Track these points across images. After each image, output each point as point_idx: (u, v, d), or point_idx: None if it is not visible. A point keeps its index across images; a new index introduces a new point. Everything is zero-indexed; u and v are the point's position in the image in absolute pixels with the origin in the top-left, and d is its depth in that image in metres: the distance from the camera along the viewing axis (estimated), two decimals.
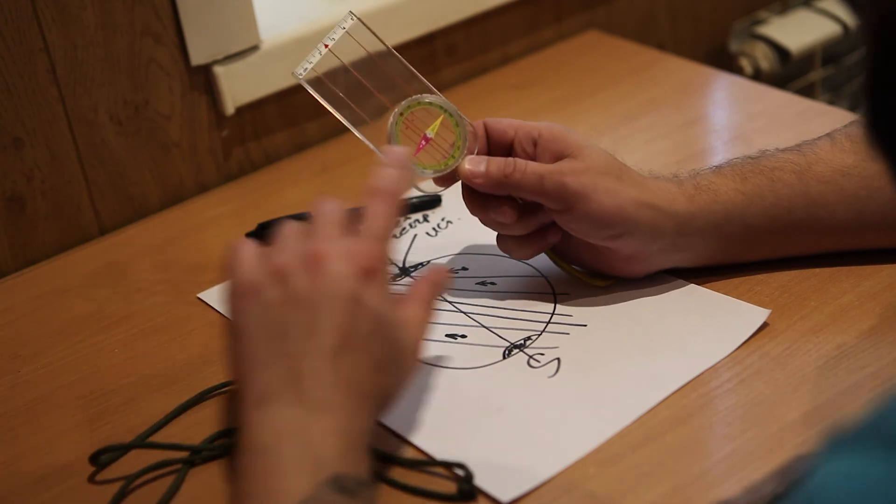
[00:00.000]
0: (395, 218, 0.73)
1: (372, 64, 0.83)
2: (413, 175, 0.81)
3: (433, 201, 1.02)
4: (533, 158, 0.82)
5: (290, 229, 0.72)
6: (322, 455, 0.63)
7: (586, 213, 0.80)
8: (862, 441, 0.45)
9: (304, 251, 0.69)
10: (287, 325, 0.67)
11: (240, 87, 1.09)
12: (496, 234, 0.85)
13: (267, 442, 0.64)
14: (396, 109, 0.83)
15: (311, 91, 0.83)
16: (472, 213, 0.84)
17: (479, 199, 0.83)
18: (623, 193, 0.80)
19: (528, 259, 0.88)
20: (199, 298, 0.94)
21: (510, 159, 0.81)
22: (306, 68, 0.82)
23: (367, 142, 0.84)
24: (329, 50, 0.82)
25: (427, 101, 0.83)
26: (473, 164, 0.82)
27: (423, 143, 0.83)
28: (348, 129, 0.84)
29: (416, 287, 0.75)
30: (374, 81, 0.83)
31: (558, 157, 0.81)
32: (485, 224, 0.85)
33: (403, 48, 1.18)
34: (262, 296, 0.68)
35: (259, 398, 0.66)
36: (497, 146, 0.84)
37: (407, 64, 0.83)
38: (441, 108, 0.83)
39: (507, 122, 0.84)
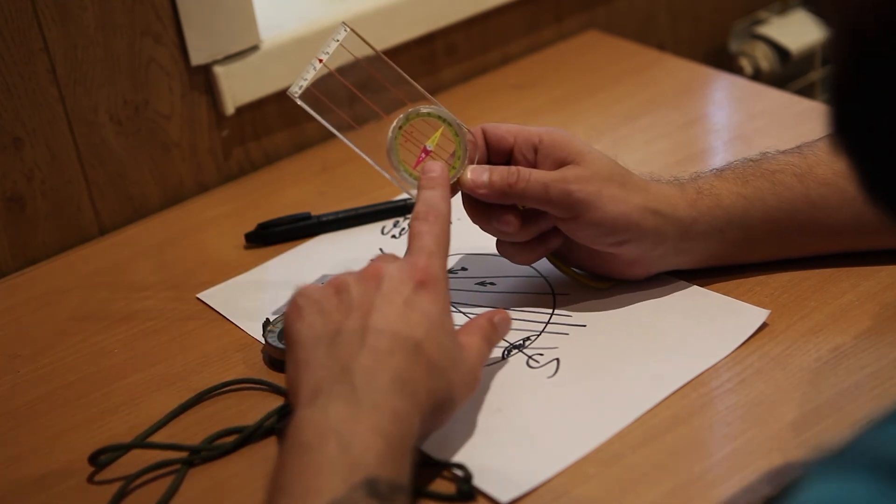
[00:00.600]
0: (446, 235, 0.75)
1: (367, 74, 0.82)
2: (413, 186, 0.81)
3: None
4: (533, 165, 0.81)
5: (348, 273, 0.75)
6: (361, 456, 0.63)
7: (592, 221, 0.80)
8: (847, 464, 0.45)
9: (362, 270, 0.72)
10: (342, 328, 0.69)
11: (240, 87, 1.09)
12: (496, 238, 0.85)
13: (310, 440, 0.64)
14: (395, 123, 0.82)
15: (309, 110, 0.81)
16: (474, 221, 0.83)
17: (481, 209, 0.82)
18: (628, 200, 0.80)
19: (528, 264, 0.88)
20: (198, 298, 0.94)
21: (513, 168, 0.80)
22: (301, 86, 0.81)
23: (367, 158, 0.82)
24: (323, 64, 0.81)
25: (425, 111, 0.82)
26: (476, 174, 0.81)
27: (423, 155, 0.82)
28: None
29: (478, 320, 0.76)
30: (370, 92, 0.82)
31: (560, 163, 0.80)
32: (486, 231, 0.84)
33: (403, 48, 1.18)
34: (319, 305, 0.71)
35: (310, 396, 0.67)
36: (496, 153, 0.82)
37: (402, 72, 0.82)
38: (440, 118, 0.82)
39: (506, 128, 0.82)
